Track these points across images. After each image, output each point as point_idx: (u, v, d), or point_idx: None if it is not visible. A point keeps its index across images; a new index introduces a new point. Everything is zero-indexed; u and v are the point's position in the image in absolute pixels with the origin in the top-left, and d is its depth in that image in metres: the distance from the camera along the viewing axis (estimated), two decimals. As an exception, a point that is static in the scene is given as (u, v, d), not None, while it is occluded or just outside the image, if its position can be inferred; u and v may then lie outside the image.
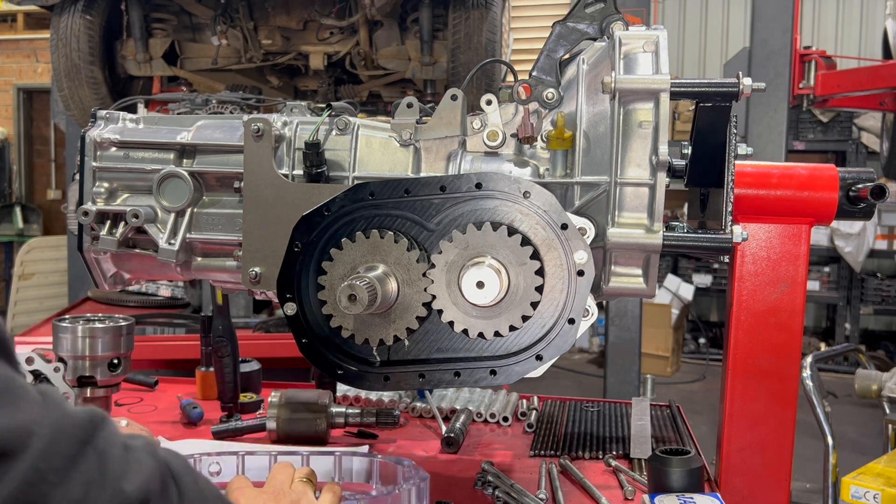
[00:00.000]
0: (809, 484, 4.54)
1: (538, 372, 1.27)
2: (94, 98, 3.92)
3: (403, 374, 1.29)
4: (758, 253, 1.56)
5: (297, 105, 1.53)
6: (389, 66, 4.01)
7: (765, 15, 6.25)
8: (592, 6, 1.42)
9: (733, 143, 1.38)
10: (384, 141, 1.45)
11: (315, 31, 3.98)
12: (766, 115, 6.18)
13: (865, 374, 2.98)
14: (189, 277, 1.55)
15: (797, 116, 8.03)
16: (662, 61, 1.33)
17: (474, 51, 3.66)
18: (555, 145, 1.36)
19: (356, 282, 1.16)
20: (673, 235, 1.30)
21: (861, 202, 1.55)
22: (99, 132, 1.53)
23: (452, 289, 1.23)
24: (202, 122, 1.53)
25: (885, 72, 6.04)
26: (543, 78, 1.41)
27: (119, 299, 4.11)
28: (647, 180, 1.30)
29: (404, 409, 2.05)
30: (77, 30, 3.82)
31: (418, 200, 1.26)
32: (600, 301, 1.41)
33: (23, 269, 7.94)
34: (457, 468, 1.71)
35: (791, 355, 1.57)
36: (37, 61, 9.77)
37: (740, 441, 1.59)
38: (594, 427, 1.94)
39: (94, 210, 1.50)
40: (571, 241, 1.22)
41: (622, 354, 5.44)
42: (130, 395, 2.18)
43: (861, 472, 2.25)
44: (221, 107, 1.81)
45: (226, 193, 1.50)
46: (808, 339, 8.25)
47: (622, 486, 1.59)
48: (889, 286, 8.20)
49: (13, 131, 9.96)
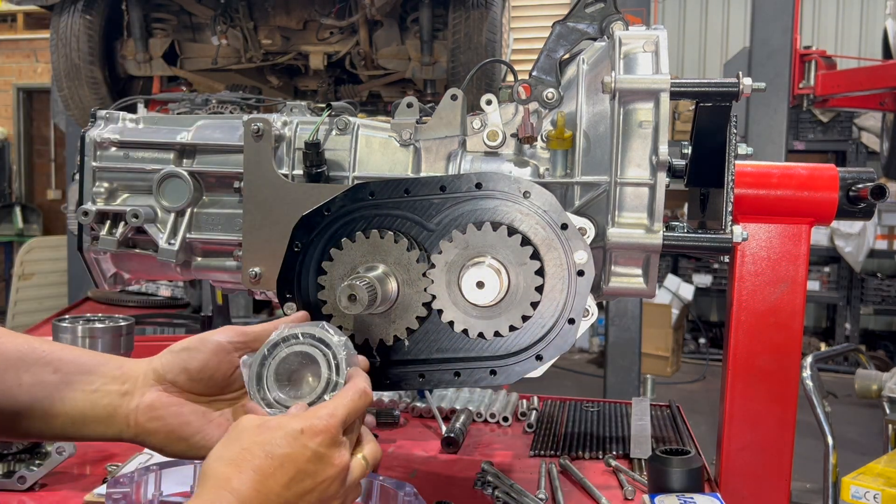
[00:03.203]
0: (809, 484, 4.55)
1: (538, 372, 1.26)
2: (93, 98, 3.92)
3: (403, 374, 1.29)
4: (758, 253, 1.56)
5: (297, 105, 1.53)
6: (389, 66, 4.01)
7: (765, 15, 6.25)
8: (592, 6, 1.42)
9: (733, 143, 1.38)
10: (384, 141, 1.45)
11: (315, 31, 3.99)
12: (766, 115, 6.18)
13: (865, 374, 2.98)
14: (189, 277, 1.55)
15: (797, 116, 8.04)
16: (662, 61, 1.33)
17: (474, 51, 3.67)
18: (555, 145, 1.36)
19: (356, 282, 1.16)
20: (673, 235, 1.30)
21: (861, 202, 1.55)
22: (99, 132, 1.53)
23: (452, 289, 1.23)
24: (202, 122, 1.53)
25: (885, 72, 6.05)
26: (543, 78, 1.41)
27: (119, 299, 4.11)
28: (647, 180, 1.30)
29: (404, 409, 2.05)
30: (77, 30, 3.82)
31: (418, 200, 1.26)
32: (600, 301, 1.41)
33: (23, 269, 7.94)
34: (457, 468, 1.71)
35: (791, 355, 1.57)
36: (37, 61, 9.77)
37: (740, 441, 1.59)
38: (594, 427, 1.94)
39: (94, 210, 1.50)
40: (571, 241, 1.22)
41: (622, 354, 5.45)
42: (130, 395, 2.17)
43: (861, 472, 2.25)
44: (221, 107, 1.81)
45: (226, 193, 1.50)
46: (808, 339, 8.25)
47: (622, 486, 1.59)
48: (889, 286, 8.20)
49: (13, 131, 9.97)
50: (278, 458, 0.92)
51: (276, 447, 0.92)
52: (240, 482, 0.89)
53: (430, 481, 1.63)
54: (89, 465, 1.65)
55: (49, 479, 1.54)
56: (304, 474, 0.93)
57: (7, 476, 1.50)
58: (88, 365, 1.11)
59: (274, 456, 0.92)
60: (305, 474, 0.93)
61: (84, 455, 1.67)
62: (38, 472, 1.51)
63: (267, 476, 0.91)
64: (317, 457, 0.94)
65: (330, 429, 0.96)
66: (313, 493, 0.94)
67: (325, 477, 0.95)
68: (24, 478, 1.50)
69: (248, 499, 0.88)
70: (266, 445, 0.92)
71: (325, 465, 0.95)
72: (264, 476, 0.90)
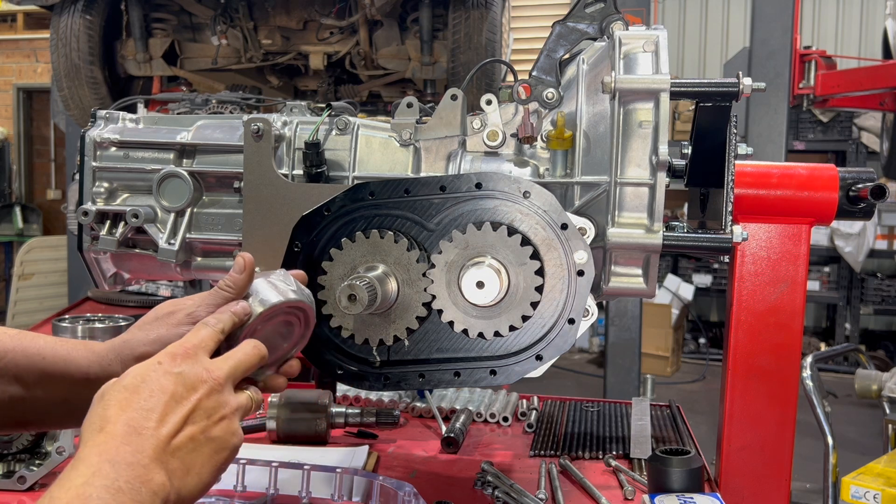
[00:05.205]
0: (809, 484, 4.54)
1: (538, 372, 1.27)
2: (93, 98, 3.92)
3: (403, 374, 1.29)
4: (758, 253, 1.56)
5: (297, 105, 1.53)
6: (389, 66, 4.01)
7: (765, 15, 6.25)
8: (592, 6, 1.42)
9: (733, 143, 1.38)
10: (384, 141, 1.45)
11: (315, 31, 3.98)
12: (766, 115, 6.18)
13: (865, 374, 2.98)
14: (189, 277, 1.55)
15: (797, 116, 8.03)
16: (662, 61, 1.33)
17: (474, 51, 3.66)
18: (555, 145, 1.36)
19: (356, 282, 1.16)
20: (673, 235, 1.30)
21: (861, 202, 1.55)
22: (99, 132, 1.53)
23: (452, 289, 1.23)
24: (202, 122, 1.53)
25: (885, 72, 6.05)
26: (543, 78, 1.41)
27: (119, 299, 4.11)
28: (647, 180, 1.30)
29: (404, 409, 2.05)
30: (77, 30, 3.82)
31: (418, 200, 1.26)
32: (600, 301, 1.41)
33: (23, 269, 7.94)
34: (457, 468, 1.71)
35: (791, 355, 1.57)
36: (37, 61, 9.77)
37: (740, 441, 1.59)
38: (594, 427, 1.94)
39: (94, 210, 1.50)
40: (571, 241, 1.22)
41: (622, 354, 5.45)
42: (130, 395, 2.17)
43: (861, 472, 2.25)
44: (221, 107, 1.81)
45: (226, 193, 1.50)
46: (808, 339, 8.25)
47: (622, 486, 1.59)
48: (889, 286, 8.20)
49: (13, 131, 9.97)
50: (146, 391, 0.87)
51: (140, 384, 0.88)
52: (115, 427, 0.84)
53: (430, 481, 1.63)
54: (89, 465, 1.65)
55: (49, 479, 1.54)
56: (176, 398, 0.88)
57: (7, 476, 1.51)
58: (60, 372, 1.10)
59: (141, 390, 0.87)
60: (178, 398, 0.88)
61: (84, 455, 1.67)
62: (38, 472, 1.51)
63: (141, 410, 0.85)
64: (181, 377, 0.90)
65: (188, 351, 0.94)
66: (197, 413, 0.89)
67: (200, 393, 0.90)
68: (24, 478, 1.50)
69: (130, 438, 0.83)
70: (130, 386, 0.88)
71: (193, 381, 0.91)
72: (139, 411, 0.85)
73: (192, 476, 0.87)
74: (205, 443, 0.89)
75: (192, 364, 0.93)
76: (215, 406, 0.92)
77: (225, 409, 0.93)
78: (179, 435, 0.87)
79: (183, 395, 0.89)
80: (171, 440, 0.86)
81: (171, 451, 0.85)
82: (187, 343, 0.96)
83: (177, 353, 0.93)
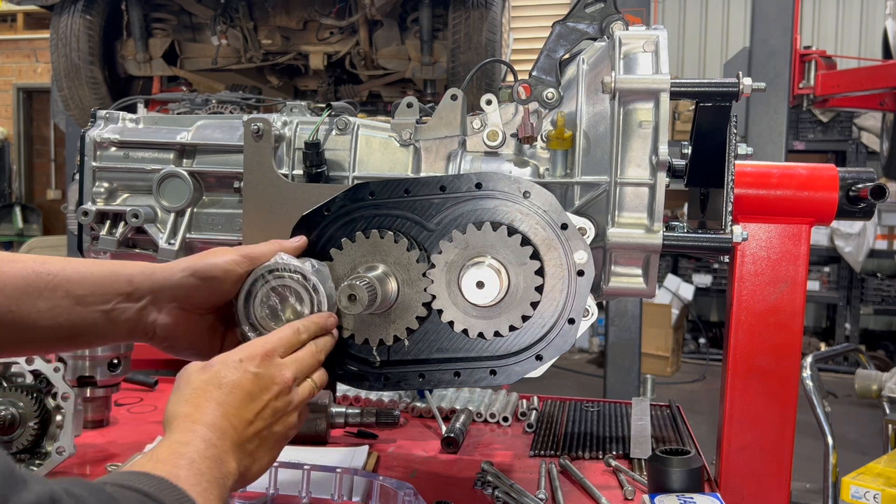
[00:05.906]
0: (809, 484, 4.55)
1: (538, 372, 1.26)
2: (93, 98, 3.92)
3: (403, 374, 1.29)
4: (758, 253, 1.56)
5: (297, 105, 1.53)
6: (389, 66, 4.01)
7: (765, 15, 6.25)
8: (592, 6, 1.42)
9: (733, 143, 1.38)
10: (384, 141, 1.45)
11: (315, 31, 3.99)
12: (766, 115, 6.18)
13: (865, 374, 2.99)
14: (189, 277, 1.54)
15: (797, 116, 8.04)
16: (662, 61, 1.33)
17: (474, 51, 3.67)
18: (555, 145, 1.36)
19: (356, 282, 1.16)
20: (673, 235, 1.30)
21: (861, 202, 1.55)
22: (99, 132, 1.53)
23: (452, 289, 1.23)
24: (202, 122, 1.53)
25: (885, 72, 6.05)
26: (543, 78, 1.41)
27: (119, 299, 4.10)
28: (647, 180, 1.30)
29: (404, 409, 2.05)
30: (77, 30, 3.82)
31: (418, 200, 1.26)
32: (600, 301, 1.41)
33: (23, 269, 7.92)
34: (457, 468, 1.71)
35: (791, 355, 1.57)
36: (37, 61, 9.78)
37: (740, 441, 1.59)
38: (594, 427, 1.94)
39: (94, 210, 1.50)
40: (571, 241, 1.22)
41: (622, 354, 5.45)
42: (130, 395, 2.18)
43: (861, 472, 2.25)
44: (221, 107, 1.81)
45: (226, 193, 1.50)
46: (808, 339, 8.25)
47: (622, 486, 1.59)
48: (889, 286, 8.20)
49: (13, 131, 9.97)
50: (227, 386, 1.00)
51: (222, 378, 1.01)
52: (203, 415, 0.96)
53: (430, 481, 1.63)
54: (89, 465, 1.65)
55: (49, 479, 1.54)
56: (251, 396, 1.02)
57: (7, 476, 1.50)
58: (98, 282, 1.14)
59: (223, 385, 1.00)
60: (253, 396, 1.02)
61: (84, 455, 1.67)
62: (39, 472, 1.51)
63: (223, 404, 0.98)
64: (258, 378, 1.03)
65: (266, 353, 1.06)
66: (266, 411, 1.03)
67: (271, 394, 1.04)
68: (24, 478, 1.50)
69: (216, 426, 0.95)
70: (213, 380, 1.00)
71: (267, 382, 1.04)
72: (221, 405, 0.98)
73: (255, 464, 1.02)
74: (268, 437, 1.04)
75: (268, 366, 1.05)
76: (283, 406, 1.06)
77: (289, 406, 1.07)
78: (249, 429, 1.01)
79: (257, 394, 1.03)
80: (244, 433, 1.00)
81: (242, 442, 0.99)
82: (268, 344, 1.08)
83: (256, 353, 1.05)
